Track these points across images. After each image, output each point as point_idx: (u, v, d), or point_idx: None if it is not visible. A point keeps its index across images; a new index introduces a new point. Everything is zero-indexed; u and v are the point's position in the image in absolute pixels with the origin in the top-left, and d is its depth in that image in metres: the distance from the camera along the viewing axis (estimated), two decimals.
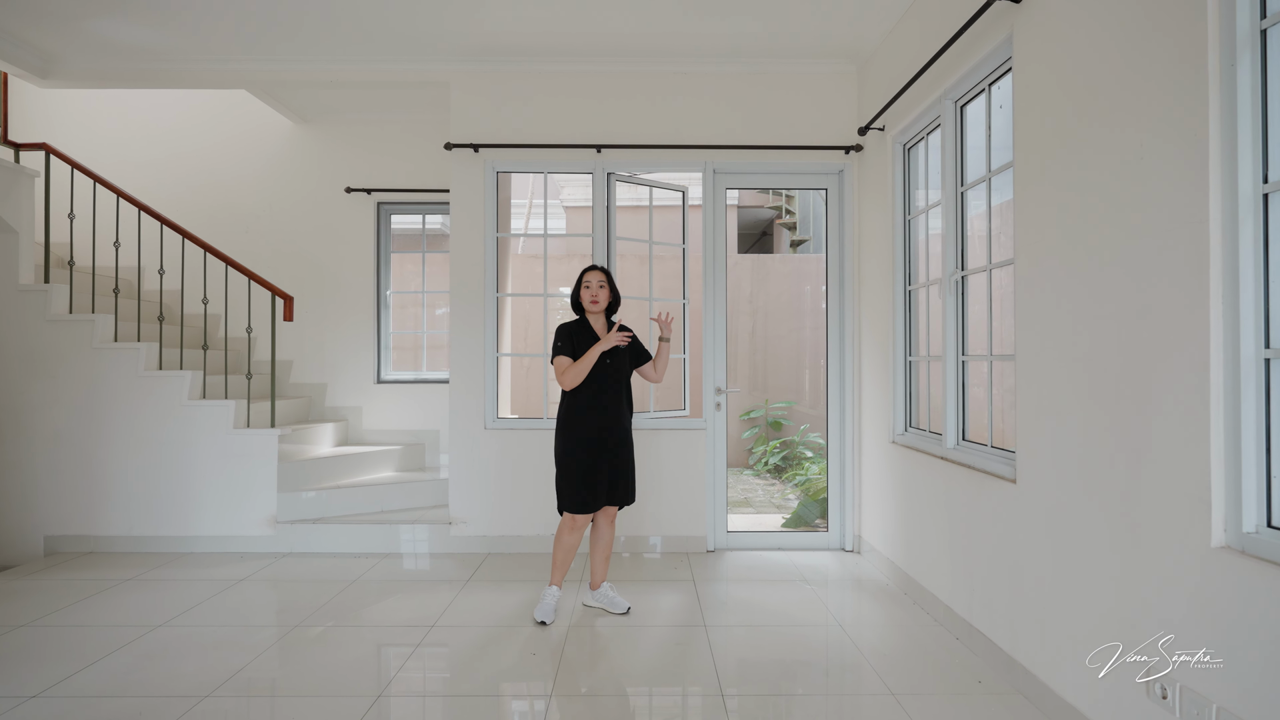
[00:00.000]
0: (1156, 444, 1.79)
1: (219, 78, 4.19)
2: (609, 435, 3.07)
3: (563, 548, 3.09)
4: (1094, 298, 2.02)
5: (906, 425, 3.58)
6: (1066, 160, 2.15)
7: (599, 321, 3.20)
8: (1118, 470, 1.92)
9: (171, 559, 3.96)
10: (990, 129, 2.73)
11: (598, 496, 3.04)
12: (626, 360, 3.18)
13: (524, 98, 4.13)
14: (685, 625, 3.01)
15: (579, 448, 3.04)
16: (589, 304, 3.13)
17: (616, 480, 3.09)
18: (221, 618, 3.09)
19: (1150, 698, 1.79)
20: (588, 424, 3.05)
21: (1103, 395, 1.98)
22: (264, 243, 5.16)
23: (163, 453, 4.09)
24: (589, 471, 3.03)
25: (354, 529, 4.13)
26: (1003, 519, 2.51)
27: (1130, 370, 1.88)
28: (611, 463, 3.07)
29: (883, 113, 3.56)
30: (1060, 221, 2.18)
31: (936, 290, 3.26)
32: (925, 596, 3.17)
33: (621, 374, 3.15)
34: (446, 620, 3.08)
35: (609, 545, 3.22)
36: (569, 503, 3.04)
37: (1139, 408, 1.85)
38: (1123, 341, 1.90)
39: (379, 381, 5.19)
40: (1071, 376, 2.13)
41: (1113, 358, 1.94)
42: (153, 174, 5.14)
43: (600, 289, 3.14)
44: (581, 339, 3.12)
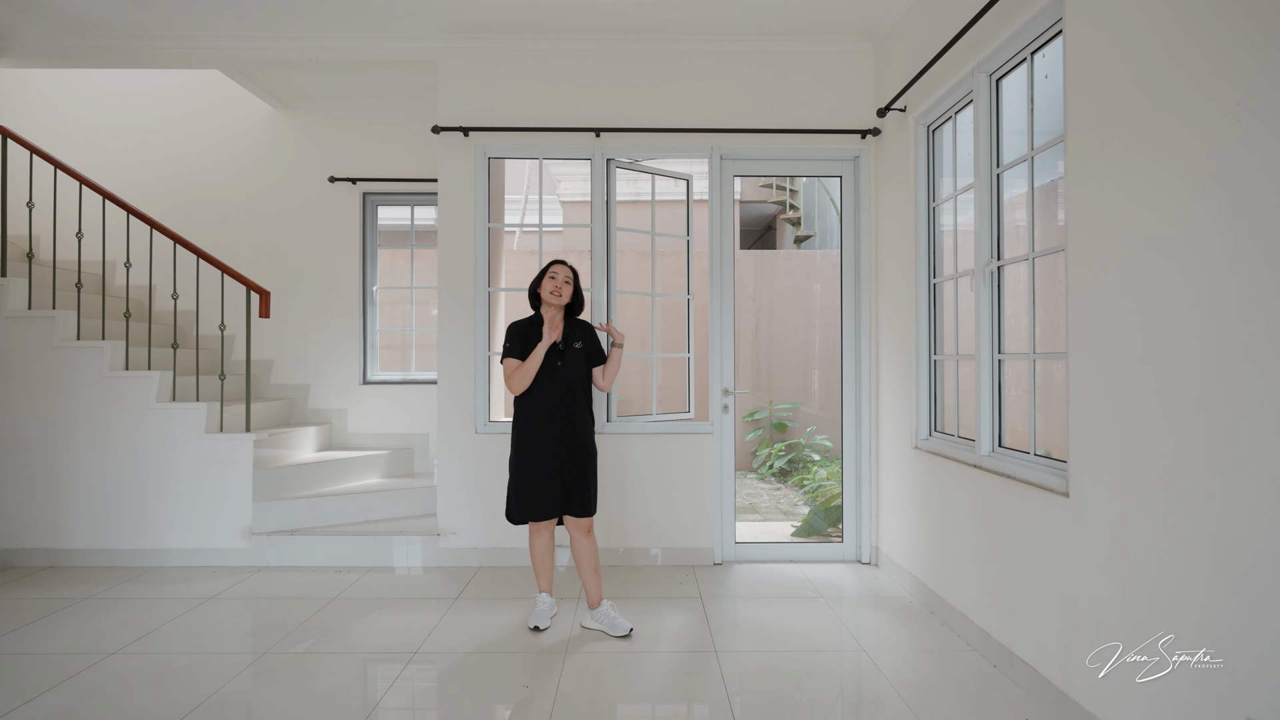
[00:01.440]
0: (1254, 456, 1.52)
1: (190, 57, 3.91)
2: (562, 442, 2.89)
3: (535, 554, 3.01)
4: (1169, 285, 1.75)
5: (931, 430, 3.32)
6: (1136, 129, 1.88)
7: (556, 318, 2.98)
8: (1201, 485, 1.66)
9: (138, 574, 3.67)
10: (1033, 102, 2.46)
11: (544, 507, 2.89)
12: (581, 361, 2.99)
13: (517, 78, 3.85)
14: (694, 651, 2.73)
15: (529, 455, 2.89)
16: (549, 295, 2.93)
17: (571, 491, 2.91)
18: (184, 642, 2.81)
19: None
20: (539, 430, 2.89)
21: (1181, 398, 1.71)
22: (242, 235, 4.87)
23: (129, 460, 3.80)
24: (537, 480, 2.88)
25: (335, 541, 3.85)
26: (1052, 536, 2.24)
27: (1217, 369, 1.61)
28: (565, 472, 2.89)
29: (904, 92, 3.29)
30: (1127, 200, 1.91)
31: (966, 283, 3.00)
32: (954, 616, 2.90)
33: (576, 376, 2.95)
34: (432, 644, 2.80)
35: (593, 558, 2.97)
36: (512, 511, 2.94)
37: (1231, 414, 1.58)
38: (1209, 336, 1.64)
39: (365, 382, 4.91)
40: (1138, 376, 1.86)
41: (1193, 354, 1.67)
42: (124, 162, 4.85)
43: (565, 283, 2.96)
44: (534, 337, 2.93)
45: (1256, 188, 1.52)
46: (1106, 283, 1.99)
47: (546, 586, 3.04)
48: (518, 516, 2.93)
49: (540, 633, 2.91)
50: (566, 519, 2.96)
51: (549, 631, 2.93)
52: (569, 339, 2.97)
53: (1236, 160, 1.57)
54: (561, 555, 3.84)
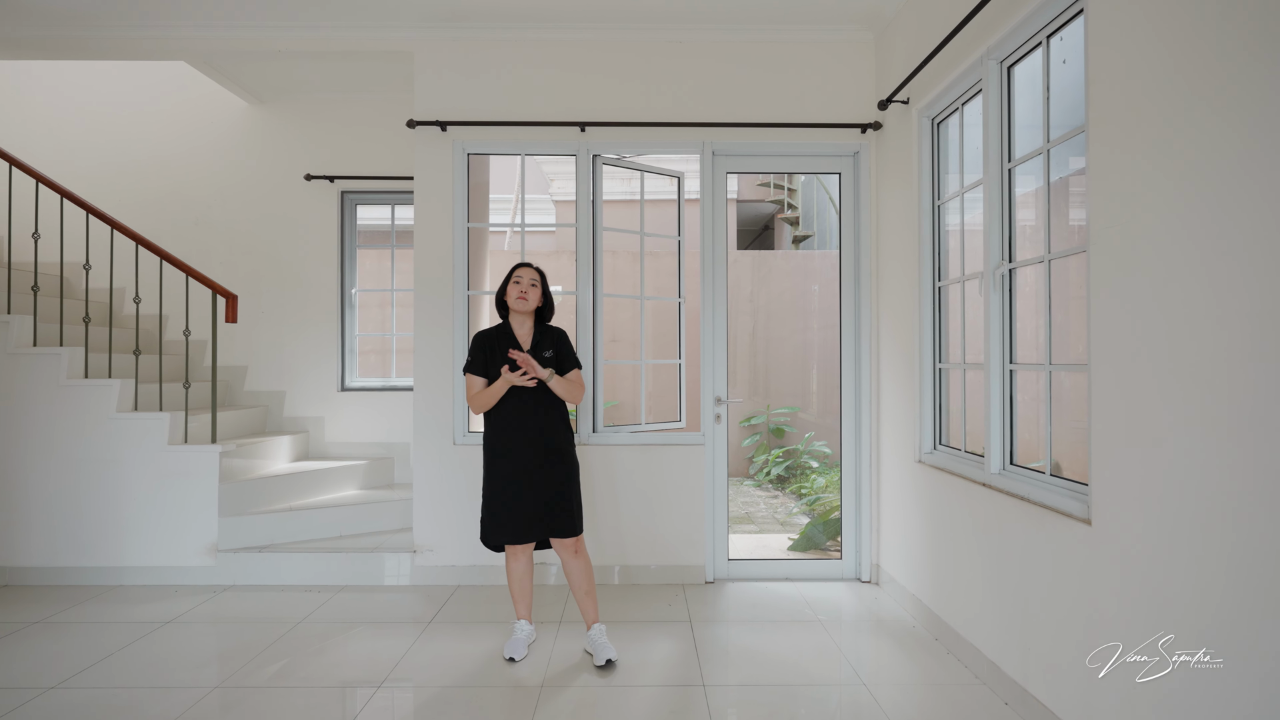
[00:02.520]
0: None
1: (154, 48, 3.70)
2: (534, 457, 2.70)
3: (512, 579, 2.82)
4: (1212, 290, 1.55)
5: (936, 443, 3.11)
6: (1171, 115, 1.68)
7: (524, 326, 2.81)
8: (1254, 524, 1.45)
9: (97, 593, 3.47)
10: (1049, 90, 2.25)
11: (518, 529, 2.69)
12: (551, 368, 2.77)
13: (498, 70, 3.65)
14: (680, 685, 2.53)
15: (499, 472, 2.71)
16: (515, 300, 2.75)
17: (550, 510, 2.70)
18: (131, 674, 2.60)
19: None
20: (510, 445, 2.71)
21: (1228, 419, 1.51)
22: (216, 236, 4.66)
23: (87, 473, 3.59)
24: (509, 500, 2.69)
25: (307, 558, 3.64)
26: (1072, 567, 2.04)
27: (1271, 386, 1.41)
28: (540, 490, 2.70)
29: (907, 82, 3.08)
30: (1159, 194, 1.71)
31: (974, 286, 2.79)
32: (961, 645, 2.70)
33: (547, 386, 2.74)
34: (399, 675, 2.60)
35: (585, 579, 2.78)
36: (485, 535, 2.74)
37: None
38: (1261, 348, 1.43)
39: (343, 389, 4.70)
40: (1172, 391, 1.65)
41: (1241, 369, 1.47)
42: (92, 159, 4.65)
43: (531, 286, 2.78)
44: (500, 349, 2.75)
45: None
46: (1134, 286, 1.79)
47: (525, 613, 2.85)
48: (491, 540, 2.74)
49: (515, 664, 2.70)
50: (552, 541, 2.77)
51: (526, 662, 2.72)
52: (539, 347, 2.78)
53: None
54: (551, 571, 3.64)
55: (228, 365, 4.68)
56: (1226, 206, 1.51)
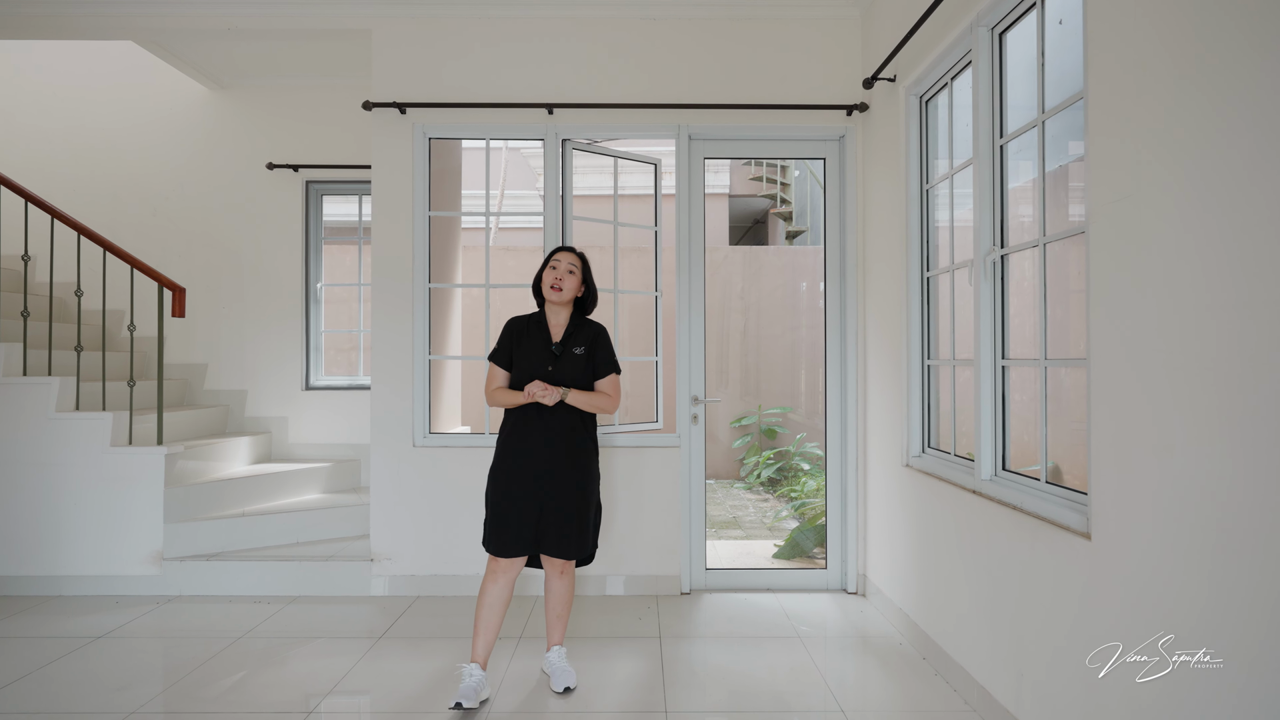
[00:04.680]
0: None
1: (99, 26, 3.48)
2: (542, 462, 2.40)
3: (483, 603, 2.38)
4: (1234, 277, 1.32)
5: (924, 445, 2.89)
6: (1184, 68, 1.46)
7: (559, 316, 2.51)
8: (1276, 529, 1.23)
9: (34, 604, 3.26)
10: (1044, 56, 2.03)
11: (512, 540, 2.37)
12: (581, 368, 2.47)
13: (460, 49, 3.43)
14: (640, 712, 2.30)
15: (502, 470, 2.44)
16: (548, 288, 2.46)
17: (551, 524, 2.39)
18: (44, 697, 2.39)
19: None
20: (518, 442, 2.43)
21: (1251, 418, 1.29)
22: (174, 227, 4.45)
23: (25, 476, 3.37)
24: (509, 505, 2.39)
25: (258, 566, 3.42)
26: (1069, 586, 1.81)
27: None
28: (543, 500, 2.39)
29: (894, 56, 2.86)
30: (1170, 167, 1.48)
31: (965, 276, 2.57)
32: (950, 667, 2.47)
33: (572, 386, 2.44)
34: (334, 700, 2.38)
35: (562, 603, 2.49)
36: (486, 538, 2.43)
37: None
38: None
39: (307, 388, 4.49)
40: (1183, 391, 1.43)
41: (1268, 363, 1.25)
42: (45, 147, 4.44)
43: (570, 274, 2.46)
44: (530, 340, 2.47)
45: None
46: (1141, 267, 1.56)
47: (482, 655, 2.37)
48: (488, 543, 2.42)
49: (463, 712, 2.27)
50: (544, 557, 2.46)
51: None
52: (570, 340, 2.47)
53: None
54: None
55: (186, 363, 4.47)
56: (1249, 180, 1.29)
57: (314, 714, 2.29)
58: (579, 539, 2.42)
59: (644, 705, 2.35)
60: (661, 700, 2.38)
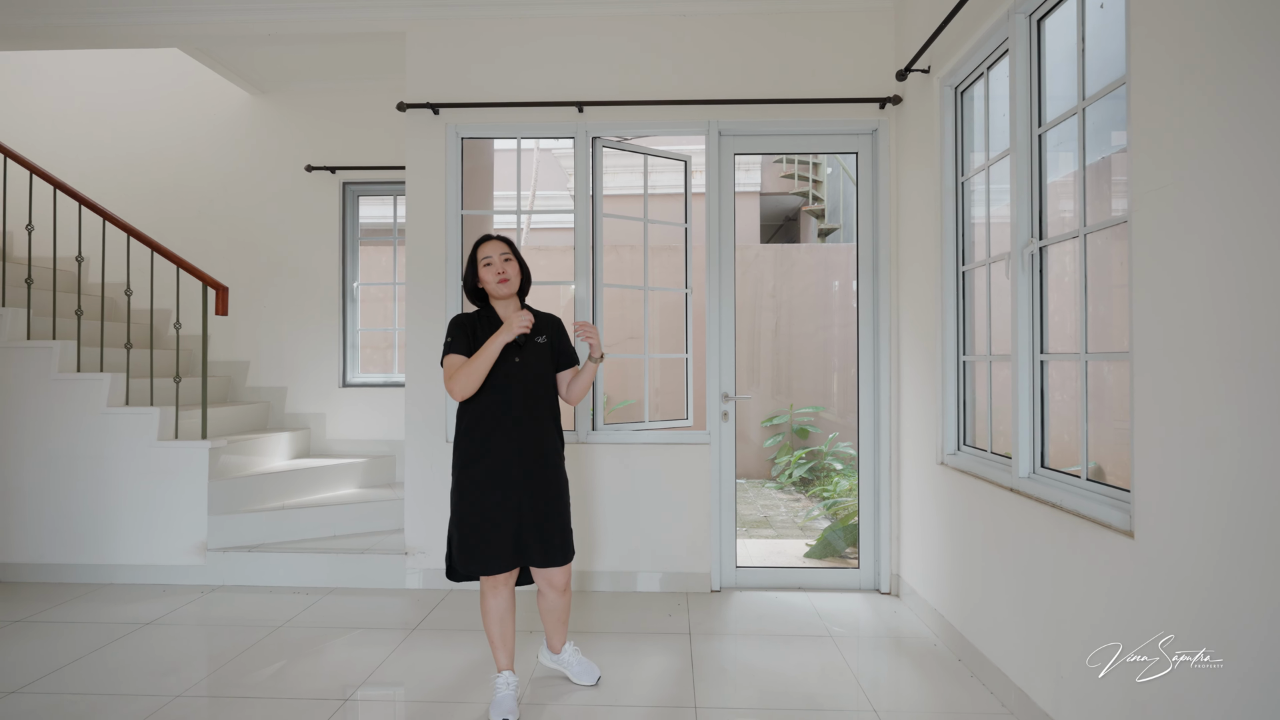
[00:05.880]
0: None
1: (147, 35, 3.62)
2: (519, 465, 2.23)
3: (490, 619, 2.26)
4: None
5: (960, 443, 2.83)
6: (1227, 60, 1.41)
7: (509, 308, 2.35)
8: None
9: (85, 592, 3.39)
10: (1084, 41, 1.98)
11: (502, 555, 2.20)
12: (547, 359, 2.34)
13: (491, 49, 3.47)
14: (670, 707, 2.30)
15: (474, 484, 2.23)
16: (496, 284, 2.28)
17: (538, 531, 2.24)
18: (95, 679, 2.48)
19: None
20: (490, 449, 2.23)
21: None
22: (217, 228, 4.59)
23: (77, 468, 3.52)
24: (486, 518, 2.21)
25: (296, 558, 3.51)
26: (1110, 586, 1.76)
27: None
28: (524, 506, 2.23)
29: (927, 47, 2.81)
30: (1218, 150, 1.43)
31: (1001, 269, 2.51)
32: (986, 668, 2.42)
33: (540, 379, 2.31)
34: (367, 690, 2.43)
35: (561, 613, 2.40)
36: (454, 563, 2.26)
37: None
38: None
39: (344, 385, 4.59)
40: (1231, 381, 1.38)
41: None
42: (96, 154, 4.62)
43: (506, 262, 2.30)
44: (484, 331, 2.29)
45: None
46: (1186, 259, 1.51)
47: (507, 662, 2.28)
48: (463, 570, 2.24)
49: None
50: (535, 572, 2.32)
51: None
52: (533, 333, 2.33)
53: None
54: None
55: (230, 360, 4.61)
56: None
57: (350, 702, 2.35)
58: (563, 543, 2.30)
59: (673, 700, 2.34)
60: (691, 696, 2.37)
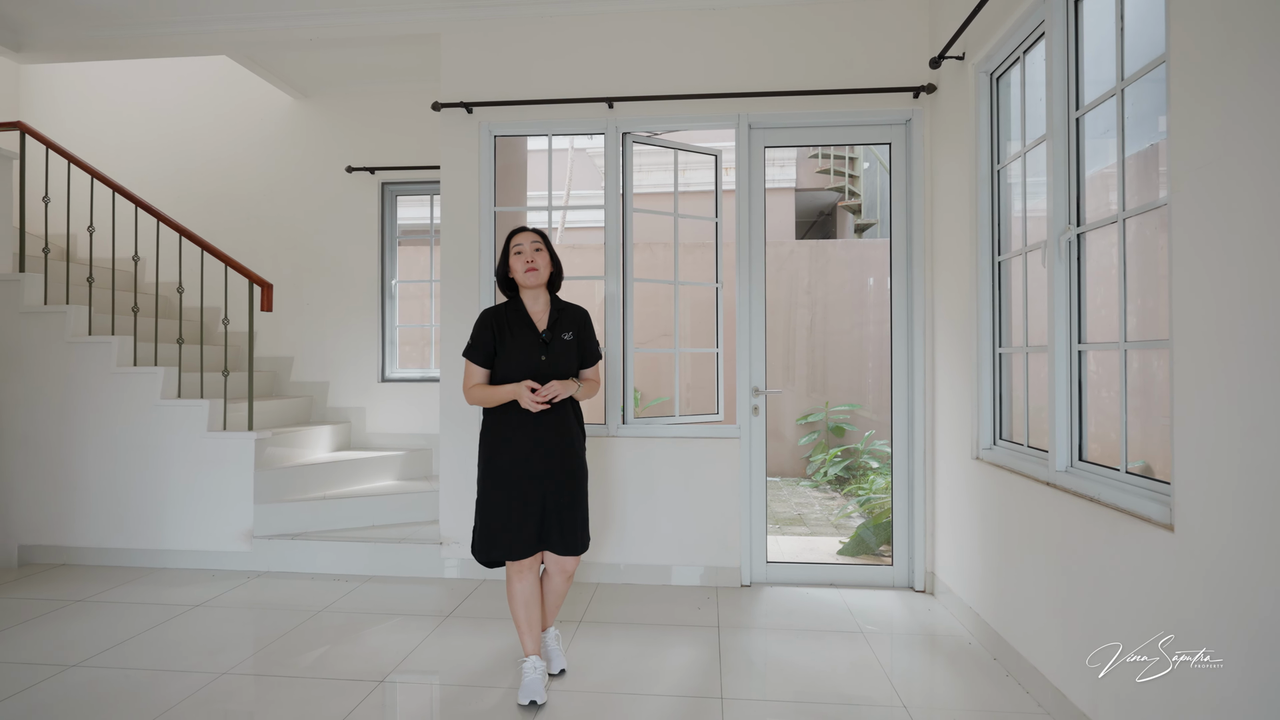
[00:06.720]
0: None
1: (197, 43, 3.78)
2: (543, 457, 2.29)
3: (517, 603, 2.32)
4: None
5: (995, 437, 2.77)
6: (1270, 35, 1.35)
7: (539, 301, 2.40)
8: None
9: (140, 575, 3.56)
10: (1123, 20, 1.92)
11: (518, 542, 2.27)
12: (571, 357, 2.37)
13: (523, 47, 3.52)
14: (695, 697, 2.31)
15: (499, 473, 2.30)
16: (524, 274, 2.33)
17: (555, 520, 2.31)
18: (149, 656, 2.61)
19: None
20: (514, 441, 2.30)
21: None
22: (263, 228, 4.76)
23: (134, 457, 3.69)
24: (513, 506, 2.28)
25: (337, 547, 3.62)
26: (1150, 581, 1.71)
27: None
28: (545, 496, 2.30)
29: (962, 32, 2.75)
30: (1262, 130, 1.38)
31: (1038, 258, 2.45)
32: (1023, 667, 2.36)
33: (564, 376, 2.34)
34: (402, 674, 2.49)
35: (560, 597, 2.47)
36: (480, 548, 2.31)
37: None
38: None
39: (383, 380, 4.71)
40: (1277, 371, 1.33)
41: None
42: (148, 157, 4.83)
43: (537, 252, 2.34)
44: (510, 330, 2.33)
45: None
46: (1228, 242, 1.46)
47: (534, 647, 2.32)
48: (488, 555, 2.30)
49: (539, 708, 2.23)
50: (549, 557, 2.38)
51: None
52: (557, 328, 2.37)
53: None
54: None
55: (275, 356, 4.77)
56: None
57: (386, 684, 2.41)
58: (582, 532, 2.36)
59: (700, 691, 2.35)
60: (718, 687, 2.38)
